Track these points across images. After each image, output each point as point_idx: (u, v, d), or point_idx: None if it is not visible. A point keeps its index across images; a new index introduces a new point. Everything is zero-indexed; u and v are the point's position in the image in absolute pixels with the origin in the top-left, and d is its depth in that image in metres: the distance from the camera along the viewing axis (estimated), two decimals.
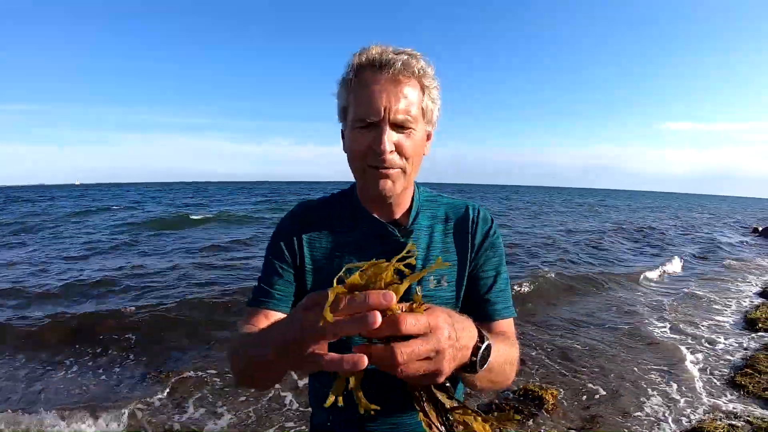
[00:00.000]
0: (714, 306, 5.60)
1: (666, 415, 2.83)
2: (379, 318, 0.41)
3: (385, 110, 0.74)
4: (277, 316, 0.81)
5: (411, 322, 0.45)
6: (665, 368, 3.57)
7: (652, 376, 3.42)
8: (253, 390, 2.95)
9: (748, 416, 2.73)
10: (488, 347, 0.58)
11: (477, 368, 0.57)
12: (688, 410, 2.88)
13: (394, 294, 0.43)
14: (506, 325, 0.85)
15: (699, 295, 6.15)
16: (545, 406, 2.87)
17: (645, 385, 3.24)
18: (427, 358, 0.47)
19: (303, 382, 3.12)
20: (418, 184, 0.92)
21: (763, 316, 4.82)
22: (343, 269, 0.46)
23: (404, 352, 0.44)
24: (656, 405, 2.95)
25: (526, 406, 2.88)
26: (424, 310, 0.48)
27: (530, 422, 2.73)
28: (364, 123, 0.75)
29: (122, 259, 7.65)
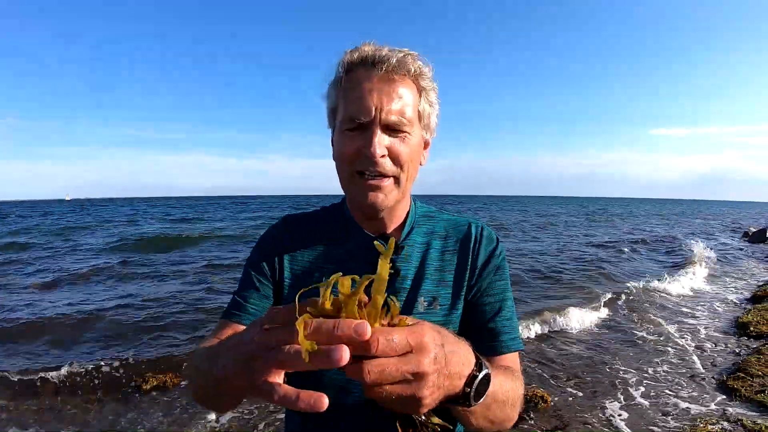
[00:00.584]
0: (706, 310, 5.69)
1: (660, 418, 2.87)
2: (346, 355, 0.34)
3: (376, 110, 0.67)
4: None
5: (383, 343, 0.37)
6: (659, 372, 3.62)
7: (647, 379, 3.47)
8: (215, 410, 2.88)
9: (741, 419, 2.78)
10: (486, 377, 0.50)
11: (471, 401, 0.49)
12: (682, 413, 2.93)
13: (368, 325, 0.36)
14: (511, 359, 0.74)
15: (692, 299, 6.26)
16: (539, 406, 2.91)
17: (638, 390, 3.29)
18: (405, 381, 0.40)
19: None
20: (414, 199, 0.85)
21: (754, 320, 4.91)
22: (299, 293, 0.39)
23: (372, 371, 0.37)
24: (650, 408, 3.00)
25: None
26: (411, 325, 0.41)
27: (525, 424, 2.76)
28: (353, 124, 0.69)
29: (118, 283, 7.39)
